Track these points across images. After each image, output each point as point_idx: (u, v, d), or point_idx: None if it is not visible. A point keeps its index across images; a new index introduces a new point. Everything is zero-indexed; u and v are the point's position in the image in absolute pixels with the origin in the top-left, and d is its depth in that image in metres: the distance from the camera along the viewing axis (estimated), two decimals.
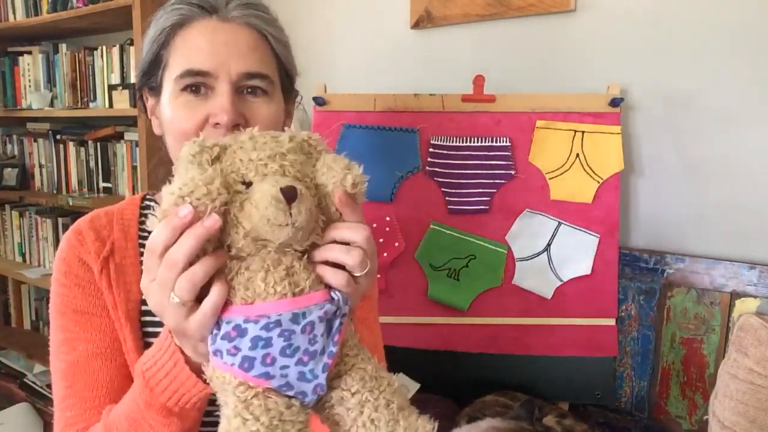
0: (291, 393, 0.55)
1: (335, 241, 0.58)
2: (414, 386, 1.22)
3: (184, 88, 0.76)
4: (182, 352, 0.60)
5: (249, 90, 0.78)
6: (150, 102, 0.84)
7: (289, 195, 0.53)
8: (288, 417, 0.53)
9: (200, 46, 0.75)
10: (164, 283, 0.54)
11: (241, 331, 0.53)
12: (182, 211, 0.52)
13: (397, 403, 0.57)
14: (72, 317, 0.78)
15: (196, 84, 0.76)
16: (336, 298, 0.57)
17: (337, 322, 0.57)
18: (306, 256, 0.57)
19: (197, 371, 0.59)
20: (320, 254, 0.58)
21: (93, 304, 0.78)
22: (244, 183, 0.55)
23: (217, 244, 0.55)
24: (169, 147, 0.80)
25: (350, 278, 0.57)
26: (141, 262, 0.77)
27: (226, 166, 0.56)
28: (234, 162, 0.56)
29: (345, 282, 0.57)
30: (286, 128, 0.68)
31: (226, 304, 0.55)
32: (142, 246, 0.79)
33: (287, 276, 0.55)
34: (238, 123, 0.75)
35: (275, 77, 0.81)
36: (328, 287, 0.58)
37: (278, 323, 0.53)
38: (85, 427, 0.73)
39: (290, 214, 0.53)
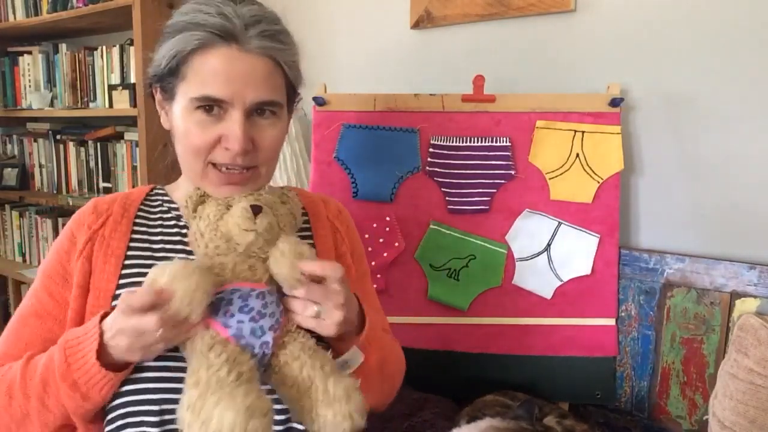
0: (243, 343, 0.72)
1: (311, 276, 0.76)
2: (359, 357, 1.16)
3: (199, 107, 0.80)
4: (101, 339, 0.72)
5: (258, 111, 0.82)
6: (159, 96, 0.88)
7: (256, 209, 0.74)
8: (240, 358, 0.70)
9: (218, 73, 0.78)
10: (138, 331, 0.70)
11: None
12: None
13: (329, 367, 0.74)
14: (41, 277, 0.88)
15: (210, 105, 0.80)
16: None
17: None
18: (266, 261, 0.76)
19: (107, 361, 0.72)
20: (300, 293, 0.76)
21: (57, 271, 0.86)
22: (227, 207, 0.77)
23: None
24: (177, 151, 0.87)
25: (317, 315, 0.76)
26: (130, 238, 0.88)
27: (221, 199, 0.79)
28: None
29: (314, 323, 0.77)
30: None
31: None
32: (136, 224, 0.90)
33: (249, 269, 0.75)
34: (248, 150, 0.81)
35: (284, 100, 0.86)
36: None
37: (239, 290, 0.73)
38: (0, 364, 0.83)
39: (255, 222, 0.74)
